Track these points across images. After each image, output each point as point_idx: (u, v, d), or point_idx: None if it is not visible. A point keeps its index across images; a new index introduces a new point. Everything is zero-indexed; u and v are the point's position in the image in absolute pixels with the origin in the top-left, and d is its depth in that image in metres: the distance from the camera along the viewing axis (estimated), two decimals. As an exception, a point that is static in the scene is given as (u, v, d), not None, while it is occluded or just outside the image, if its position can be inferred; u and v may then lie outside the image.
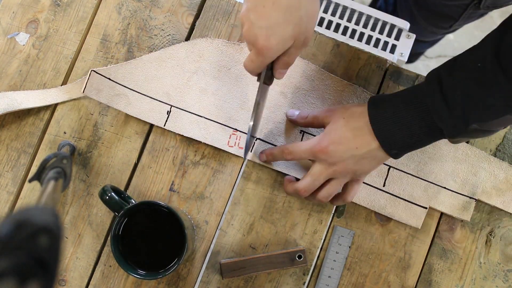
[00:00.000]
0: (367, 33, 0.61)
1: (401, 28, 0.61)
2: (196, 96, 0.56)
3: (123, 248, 0.48)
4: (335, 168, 0.47)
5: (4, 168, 0.56)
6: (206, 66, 0.56)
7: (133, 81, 0.56)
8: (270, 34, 0.41)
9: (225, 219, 0.55)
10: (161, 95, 0.55)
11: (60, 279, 0.54)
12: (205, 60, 0.56)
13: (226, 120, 0.55)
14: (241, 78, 0.56)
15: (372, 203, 0.54)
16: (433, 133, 0.45)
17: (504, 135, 0.57)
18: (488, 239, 0.55)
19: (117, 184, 0.55)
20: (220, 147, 0.55)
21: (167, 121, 0.55)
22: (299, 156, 0.49)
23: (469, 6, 0.73)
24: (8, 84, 0.57)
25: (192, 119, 0.55)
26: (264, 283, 0.54)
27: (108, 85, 0.55)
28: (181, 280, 0.54)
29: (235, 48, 0.56)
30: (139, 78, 0.56)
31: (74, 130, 0.56)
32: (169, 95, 0.55)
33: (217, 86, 0.56)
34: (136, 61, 0.56)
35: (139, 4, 0.59)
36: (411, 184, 0.54)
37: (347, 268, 0.54)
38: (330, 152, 0.46)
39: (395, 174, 0.55)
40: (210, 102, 0.55)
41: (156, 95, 0.55)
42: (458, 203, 0.54)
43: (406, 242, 0.55)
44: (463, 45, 1.42)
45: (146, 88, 0.56)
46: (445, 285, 0.54)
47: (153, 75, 0.56)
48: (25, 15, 0.58)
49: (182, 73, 0.56)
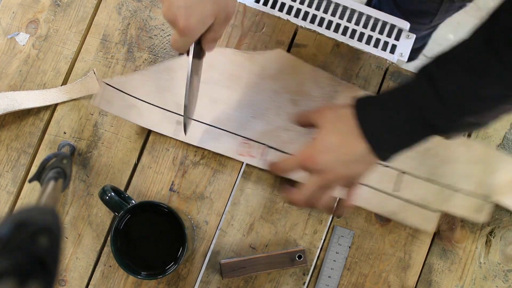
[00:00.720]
0: (367, 33, 0.61)
1: (401, 28, 0.61)
2: (206, 105, 0.55)
3: (123, 248, 0.48)
4: (327, 177, 0.45)
5: (4, 168, 0.56)
6: (216, 76, 0.56)
7: (144, 91, 0.55)
8: (189, 14, 0.41)
9: (225, 219, 0.55)
10: (172, 105, 0.55)
11: (60, 279, 0.54)
12: (215, 69, 0.56)
13: (237, 129, 0.55)
14: (251, 86, 0.56)
15: (383, 209, 0.54)
16: (426, 131, 0.43)
17: (504, 135, 0.57)
18: (488, 239, 0.55)
19: (117, 184, 0.55)
20: (230, 156, 0.55)
21: (178, 131, 0.55)
22: (290, 169, 0.48)
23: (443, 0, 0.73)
24: (8, 84, 0.57)
25: (202, 128, 0.55)
26: (264, 283, 0.54)
27: (119, 96, 0.55)
28: (181, 280, 0.54)
29: (244, 56, 0.56)
30: (149, 88, 0.55)
31: (74, 130, 0.56)
32: (179, 105, 0.55)
33: (227, 95, 0.55)
34: (147, 72, 0.56)
35: (139, 4, 0.59)
36: (423, 188, 0.54)
37: (347, 268, 0.54)
38: (319, 161, 0.45)
39: (407, 179, 0.54)
40: (221, 112, 0.55)
41: (166, 105, 0.55)
42: (471, 205, 0.53)
43: (406, 242, 0.55)
44: (463, 45, 1.42)
45: (157, 99, 0.55)
46: (445, 285, 0.54)
47: (163, 86, 0.55)
48: (25, 15, 0.58)
49: None
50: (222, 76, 0.56)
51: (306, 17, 0.61)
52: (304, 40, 0.58)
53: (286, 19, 0.59)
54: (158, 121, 0.55)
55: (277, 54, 0.56)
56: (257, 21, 0.58)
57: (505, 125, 0.57)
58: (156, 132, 0.56)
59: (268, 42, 0.58)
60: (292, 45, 0.58)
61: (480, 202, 0.54)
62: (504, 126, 0.57)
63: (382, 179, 0.54)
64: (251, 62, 0.56)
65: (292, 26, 0.58)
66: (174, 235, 0.48)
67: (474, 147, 0.54)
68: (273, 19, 0.59)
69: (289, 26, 0.58)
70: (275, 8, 0.61)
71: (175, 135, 0.55)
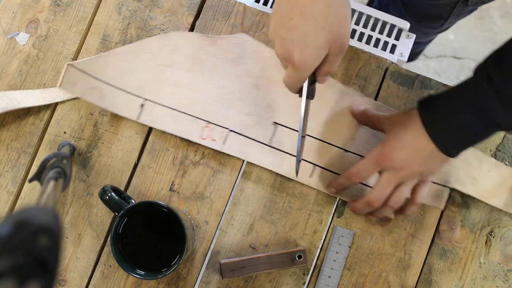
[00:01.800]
0: (367, 33, 0.61)
1: (401, 28, 0.61)
2: (169, 89, 0.56)
3: (123, 248, 0.48)
4: (402, 173, 0.47)
5: (4, 168, 0.56)
6: (180, 59, 0.56)
7: (107, 74, 0.55)
8: (303, 47, 0.40)
9: (225, 219, 0.55)
10: (135, 88, 0.55)
11: (60, 279, 0.54)
12: (179, 53, 0.56)
13: (199, 113, 0.55)
14: (214, 71, 0.56)
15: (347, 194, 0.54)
16: (491, 129, 0.44)
17: (504, 135, 0.57)
18: (488, 239, 0.55)
19: (117, 184, 0.55)
20: (193, 139, 0.55)
21: (140, 114, 0.55)
22: (367, 173, 0.49)
23: (457, 4, 0.73)
24: (8, 84, 0.57)
25: (165, 112, 0.55)
26: (264, 283, 0.54)
27: (83, 78, 0.55)
28: (181, 280, 0.54)
29: (208, 41, 0.56)
30: (112, 71, 0.55)
31: (74, 130, 0.56)
32: (142, 88, 0.55)
33: (190, 79, 0.56)
34: (110, 54, 0.56)
35: (139, 4, 0.59)
36: None
37: (347, 268, 0.54)
38: (395, 158, 0.46)
39: None
40: (184, 95, 0.56)
41: (129, 88, 0.55)
42: (431, 191, 0.54)
43: (406, 242, 0.55)
44: (463, 45, 1.42)
45: (120, 81, 0.55)
46: (445, 285, 0.54)
47: (126, 68, 0.56)
48: (25, 15, 0.58)
49: (155, 66, 0.56)
50: (185, 60, 0.56)
51: (306, 17, 0.61)
52: (304, 40, 0.58)
53: (286, 19, 0.59)
54: (122, 104, 0.55)
55: (240, 38, 0.56)
56: (257, 21, 0.58)
57: (505, 125, 0.57)
58: (156, 132, 0.56)
59: (268, 42, 0.58)
60: (292, 45, 0.58)
61: (439, 188, 0.55)
62: (504, 126, 0.57)
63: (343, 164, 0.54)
64: (214, 46, 0.56)
65: (292, 26, 0.58)
66: (174, 234, 0.48)
67: None
68: (273, 19, 0.58)
69: (289, 26, 0.58)
70: (275, 8, 0.61)
71: (139, 118, 0.55)
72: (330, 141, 0.55)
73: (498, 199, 0.55)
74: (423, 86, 0.57)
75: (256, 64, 0.56)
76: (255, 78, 0.56)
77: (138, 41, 0.57)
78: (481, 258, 0.55)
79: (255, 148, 0.55)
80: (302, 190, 0.55)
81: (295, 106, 0.54)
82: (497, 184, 0.55)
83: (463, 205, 0.55)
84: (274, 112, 0.55)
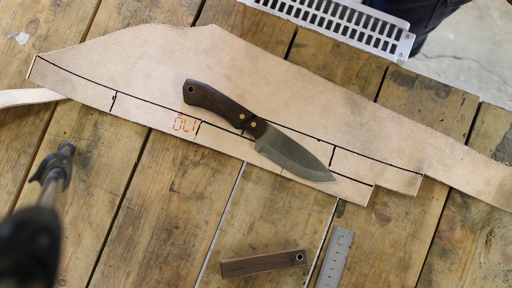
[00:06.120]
0: (367, 33, 0.61)
1: (401, 28, 0.61)
2: (141, 81, 0.56)
3: None
4: None
5: (4, 168, 0.56)
6: (151, 51, 0.56)
7: (78, 66, 0.55)
8: None
9: (225, 219, 0.55)
10: (106, 80, 0.56)
11: (60, 279, 0.54)
12: (150, 45, 0.56)
13: (171, 104, 0.56)
14: (185, 62, 0.56)
15: (318, 183, 0.55)
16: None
17: (504, 135, 0.57)
18: (488, 239, 0.55)
19: (117, 184, 0.55)
20: (165, 131, 0.55)
21: (112, 106, 0.55)
22: None
23: (437, 6, 0.75)
24: (8, 84, 0.57)
25: (137, 104, 0.56)
26: (264, 283, 0.54)
27: (53, 70, 0.55)
28: (181, 280, 0.54)
29: (179, 32, 0.57)
30: (83, 63, 0.56)
31: (74, 130, 0.56)
32: (114, 80, 0.56)
33: (162, 71, 0.56)
34: (81, 46, 0.56)
35: (139, 4, 0.59)
36: (356, 162, 0.55)
37: (347, 268, 0.54)
38: None
39: (341, 153, 0.55)
40: (155, 87, 0.56)
41: (101, 80, 0.56)
42: (404, 179, 0.55)
43: (406, 242, 0.55)
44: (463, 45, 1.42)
45: (91, 74, 0.56)
46: (445, 285, 0.54)
47: (97, 61, 0.56)
48: (25, 15, 0.58)
49: (127, 58, 0.56)
50: (156, 51, 0.56)
51: (306, 17, 0.61)
52: (304, 40, 0.58)
53: (286, 19, 0.59)
54: (93, 96, 0.55)
55: (210, 29, 0.57)
56: (257, 21, 0.58)
57: (505, 125, 0.57)
58: (156, 132, 0.56)
59: (268, 42, 0.58)
60: (292, 45, 0.58)
61: (412, 175, 0.55)
62: (504, 126, 0.57)
63: (317, 153, 0.55)
64: (184, 38, 0.56)
65: (292, 26, 0.58)
66: None
67: (404, 123, 0.55)
68: (273, 19, 0.59)
69: (289, 26, 0.58)
70: (275, 8, 0.61)
71: (111, 110, 0.55)
72: (302, 131, 0.55)
73: (471, 186, 0.55)
74: (423, 86, 0.57)
75: (226, 55, 0.56)
76: (226, 68, 0.56)
77: (109, 33, 0.57)
78: (481, 258, 0.55)
79: (228, 138, 0.55)
80: (302, 190, 0.55)
81: (266, 96, 0.55)
82: (469, 171, 0.55)
83: (463, 205, 0.55)
84: (245, 102, 0.55)
